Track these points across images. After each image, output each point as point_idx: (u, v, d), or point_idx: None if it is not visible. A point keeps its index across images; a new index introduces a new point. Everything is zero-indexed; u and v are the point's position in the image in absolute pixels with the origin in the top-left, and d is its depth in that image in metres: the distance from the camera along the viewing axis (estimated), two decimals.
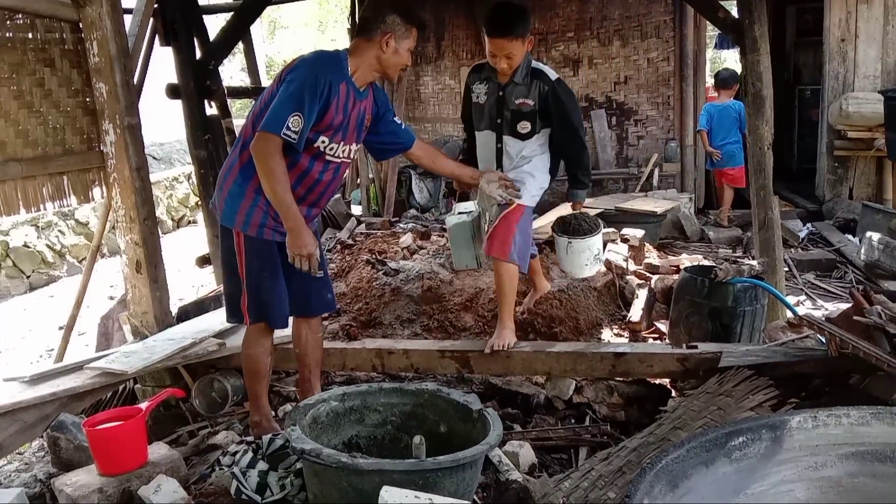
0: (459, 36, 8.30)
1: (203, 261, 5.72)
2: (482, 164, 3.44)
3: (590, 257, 3.52)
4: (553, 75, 3.26)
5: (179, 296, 5.91)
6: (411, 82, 8.50)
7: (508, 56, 3.14)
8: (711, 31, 9.71)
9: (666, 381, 3.47)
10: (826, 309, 4.73)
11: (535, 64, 3.27)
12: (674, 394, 3.32)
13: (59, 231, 8.75)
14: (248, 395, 3.14)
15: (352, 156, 2.99)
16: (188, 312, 4.17)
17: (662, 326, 4.36)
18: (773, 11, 8.38)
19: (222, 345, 3.47)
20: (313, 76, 2.66)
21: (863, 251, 5.46)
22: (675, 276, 4.52)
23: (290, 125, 2.61)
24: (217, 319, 3.72)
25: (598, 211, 6.36)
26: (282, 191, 2.68)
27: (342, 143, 2.87)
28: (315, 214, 3.06)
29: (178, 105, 5.26)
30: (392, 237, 5.93)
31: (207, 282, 6.34)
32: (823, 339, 2.93)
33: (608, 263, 5.03)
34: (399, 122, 3.17)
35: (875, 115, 6.40)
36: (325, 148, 2.82)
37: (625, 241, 5.38)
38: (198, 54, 5.19)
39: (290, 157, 2.73)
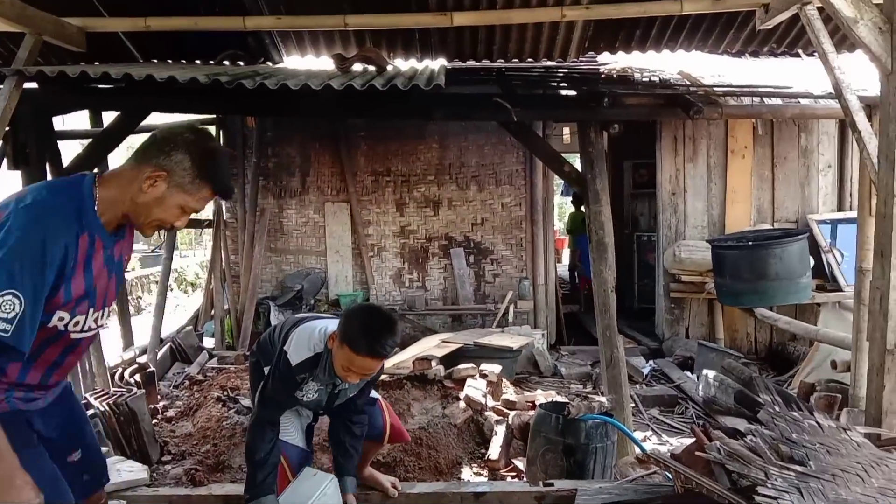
0: (325, 172, 8.49)
1: None
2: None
3: None
4: None
5: None
6: (274, 214, 8.51)
7: (368, 373, 2.72)
8: (559, 180, 10.54)
9: None
10: (671, 444, 4.96)
11: None
12: None
13: None
14: None
15: (108, 318, 2.17)
16: None
17: (520, 464, 4.38)
18: (612, 165, 9.26)
19: None
20: (37, 238, 1.82)
21: (700, 388, 5.80)
22: (532, 413, 4.61)
23: None
24: None
25: (458, 346, 6.48)
26: None
27: (92, 310, 2.05)
28: (57, 385, 2.18)
29: None
30: (246, 372, 5.70)
31: None
32: (670, 475, 3.06)
33: (468, 399, 5.06)
34: None
35: (705, 261, 7.05)
36: (66, 326, 1.98)
37: (483, 376, 5.47)
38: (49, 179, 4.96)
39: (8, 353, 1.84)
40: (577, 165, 5.11)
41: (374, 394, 3.18)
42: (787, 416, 2.96)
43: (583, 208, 10.69)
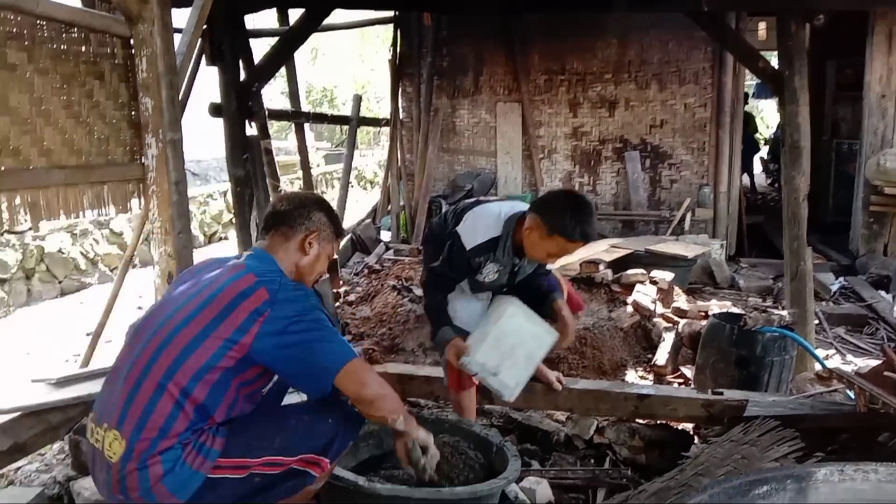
0: (497, 72, 8.39)
1: None
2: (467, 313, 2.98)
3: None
4: None
5: None
6: (447, 115, 8.60)
7: (570, 253, 2.82)
8: (750, 80, 9.73)
9: (689, 427, 3.41)
10: (855, 364, 4.64)
11: None
12: (696, 440, 3.27)
13: (94, 239, 8.91)
14: None
15: None
16: None
17: (688, 372, 4.30)
18: (813, 64, 8.36)
19: None
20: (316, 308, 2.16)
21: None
22: (703, 322, 4.47)
23: None
24: None
25: (628, 252, 6.35)
26: (393, 400, 2.22)
27: None
28: None
29: (218, 123, 5.38)
30: (420, 264, 5.95)
31: None
32: (852, 394, 2.87)
33: (636, 304, 4.99)
34: None
35: None
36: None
37: (653, 283, 5.34)
38: (242, 76, 5.31)
39: (257, 386, 2.14)
40: (775, 64, 4.66)
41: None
42: None
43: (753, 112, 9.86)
